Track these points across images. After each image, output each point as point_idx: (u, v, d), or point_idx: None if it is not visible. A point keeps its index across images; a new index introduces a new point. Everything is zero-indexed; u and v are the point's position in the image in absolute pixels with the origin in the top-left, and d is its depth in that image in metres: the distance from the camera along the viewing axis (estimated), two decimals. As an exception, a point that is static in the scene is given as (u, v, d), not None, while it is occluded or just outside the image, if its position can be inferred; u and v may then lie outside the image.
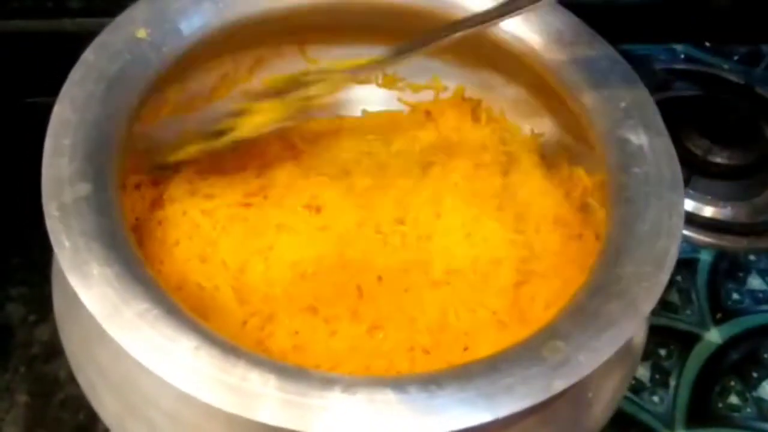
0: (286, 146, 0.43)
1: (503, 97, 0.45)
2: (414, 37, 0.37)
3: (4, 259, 0.50)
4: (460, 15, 0.38)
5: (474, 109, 0.45)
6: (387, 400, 0.25)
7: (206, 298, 0.36)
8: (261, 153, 0.42)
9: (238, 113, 0.39)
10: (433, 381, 0.26)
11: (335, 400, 0.25)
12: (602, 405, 0.32)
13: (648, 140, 0.34)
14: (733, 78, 0.67)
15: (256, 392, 0.25)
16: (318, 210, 0.40)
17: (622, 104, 0.35)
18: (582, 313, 0.28)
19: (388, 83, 0.47)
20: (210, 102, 0.44)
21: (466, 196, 0.40)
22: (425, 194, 0.40)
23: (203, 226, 0.38)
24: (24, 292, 0.49)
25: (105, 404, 0.31)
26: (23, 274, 0.50)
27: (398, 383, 0.26)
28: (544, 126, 0.44)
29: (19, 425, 0.43)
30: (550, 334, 0.28)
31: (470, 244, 0.39)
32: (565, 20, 0.38)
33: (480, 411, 0.25)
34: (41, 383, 0.45)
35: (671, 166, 0.33)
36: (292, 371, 0.26)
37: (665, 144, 0.34)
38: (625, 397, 0.47)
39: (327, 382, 0.26)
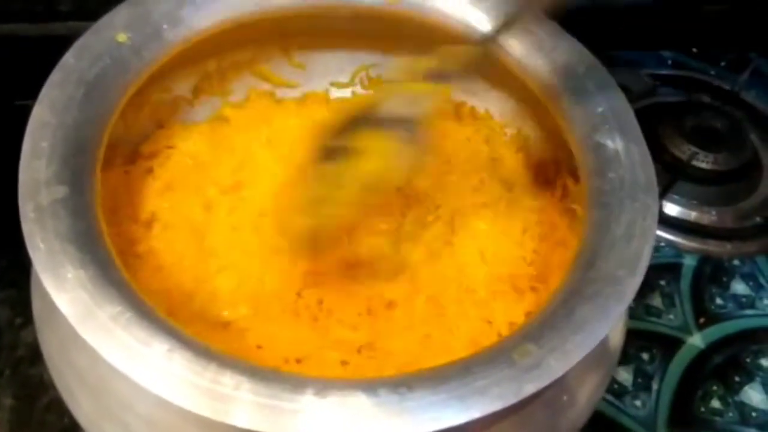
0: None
1: (486, 102, 0.45)
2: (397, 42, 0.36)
3: (-9, 262, 0.50)
4: (440, 20, 0.39)
5: (457, 109, 0.45)
6: (359, 403, 0.25)
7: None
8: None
9: None
10: (403, 384, 0.26)
11: (307, 403, 0.25)
12: (578, 407, 0.33)
13: (624, 145, 0.34)
14: (719, 84, 0.67)
15: (228, 395, 0.25)
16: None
17: (599, 109, 0.36)
18: (554, 315, 0.29)
19: (373, 86, 0.47)
20: (192, 104, 0.44)
21: (461, 191, 0.41)
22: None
23: None
24: (11, 294, 0.49)
25: (82, 408, 0.31)
26: (10, 276, 0.50)
27: (370, 386, 0.26)
28: (528, 130, 0.45)
29: (3, 428, 0.43)
30: (522, 337, 0.28)
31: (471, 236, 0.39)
32: (544, 27, 0.38)
33: (452, 413, 0.26)
34: (26, 386, 0.45)
35: (646, 170, 0.33)
36: (264, 373, 0.26)
37: (640, 149, 0.34)
38: (607, 401, 0.47)
39: (299, 385, 0.26)
